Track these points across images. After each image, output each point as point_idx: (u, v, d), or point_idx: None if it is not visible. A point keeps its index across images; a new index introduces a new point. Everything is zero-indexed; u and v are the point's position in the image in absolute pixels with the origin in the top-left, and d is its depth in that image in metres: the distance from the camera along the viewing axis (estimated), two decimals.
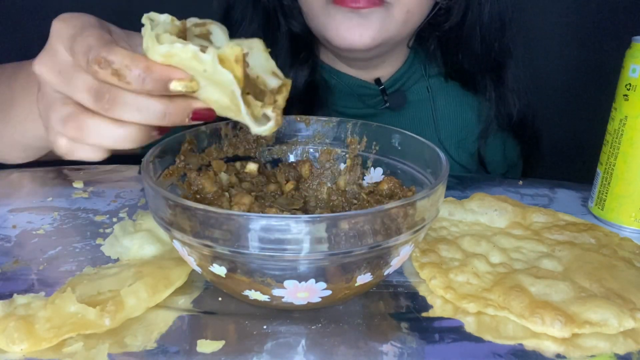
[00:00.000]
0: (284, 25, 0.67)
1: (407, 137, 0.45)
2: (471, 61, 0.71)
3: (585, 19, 1.01)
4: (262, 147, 0.48)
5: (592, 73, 0.98)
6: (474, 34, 0.69)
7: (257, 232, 0.30)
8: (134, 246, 0.42)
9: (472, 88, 0.73)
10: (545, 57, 1.03)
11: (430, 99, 0.73)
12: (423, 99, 0.73)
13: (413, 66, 0.74)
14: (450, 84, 0.74)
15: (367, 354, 0.33)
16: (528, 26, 1.00)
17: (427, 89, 0.73)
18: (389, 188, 0.43)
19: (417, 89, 0.73)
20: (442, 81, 0.74)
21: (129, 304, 0.35)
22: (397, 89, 0.72)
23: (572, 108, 1.04)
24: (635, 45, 0.47)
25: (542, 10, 1.01)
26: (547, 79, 1.04)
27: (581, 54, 1.02)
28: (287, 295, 0.33)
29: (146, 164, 0.37)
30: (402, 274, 0.41)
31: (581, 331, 0.35)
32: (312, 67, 0.68)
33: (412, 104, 0.72)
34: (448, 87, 0.74)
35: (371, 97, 0.72)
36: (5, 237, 0.45)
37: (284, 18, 0.67)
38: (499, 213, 0.48)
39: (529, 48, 1.00)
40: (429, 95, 0.73)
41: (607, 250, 0.43)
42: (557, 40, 1.03)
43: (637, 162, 0.48)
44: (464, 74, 0.73)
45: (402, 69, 0.73)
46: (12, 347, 0.32)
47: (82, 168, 0.62)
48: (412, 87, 0.73)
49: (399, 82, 0.73)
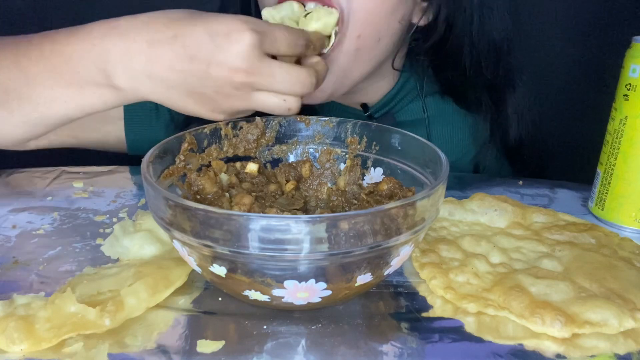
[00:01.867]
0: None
1: (407, 137, 0.45)
2: (462, 80, 0.68)
3: (585, 19, 1.01)
4: (262, 147, 0.48)
5: (592, 73, 0.98)
6: (460, 54, 0.65)
7: (257, 232, 0.30)
8: (134, 246, 0.42)
9: (465, 104, 0.70)
10: (545, 57, 1.03)
11: (426, 119, 0.70)
12: (417, 120, 0.70)
13: (407, 85, 0.70)
14: (446, 103, 0.71)
15: (367, 354, 0.33)
16: (527, 26, 1.01)
17: (422, 109, 0.70)
18: (388, 188, 0.43)
19: (411, 109, 0.70)
20: (438, 99, 0.71)
21: (129, 304, 0.35)
22: (387, 111, 0.69)
23: (572, 108, 1.04)
24: (635, 45, 0.47)
25: (542, 10, 1.01)
26: (547, 78, 1.04)
27: (581, 54, 1.02)
28: (287, 296, 0.33)
29: (146, 164, 0.37)
30: (402, 274, 0.41)
31: (581, 331, 0.35)
32: None
33: (404, 125, 0.68)
34: (444, 106, 0.71)
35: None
36: (5, 237, 0.45)
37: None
38: (499, 213, 0.48)
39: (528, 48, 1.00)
40: (425, 115, 0.70)
41: (607, 250, 0.43)
42: (557, 40, 1.02)
43: (637, 162, 0.48)
44: (456, 90, 0.70)
45: (393, 91, 0.69)
46: (12, 347, 0.32)
47: (82, 168, 0.62)
48: (405, 108, 0.70)
49: (388, 105, 0.69)
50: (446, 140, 0.71)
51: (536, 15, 1.02)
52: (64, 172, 0.61)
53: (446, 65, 0.68)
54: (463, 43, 0.65)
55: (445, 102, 0.72)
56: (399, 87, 0.70)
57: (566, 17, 1.02)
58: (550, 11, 1.02)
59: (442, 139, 0.71)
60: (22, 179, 0.58)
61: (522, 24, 1.00)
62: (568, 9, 1.01)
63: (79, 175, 0.59)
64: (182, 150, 0.42)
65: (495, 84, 0.68)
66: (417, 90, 0.71)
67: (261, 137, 0.48)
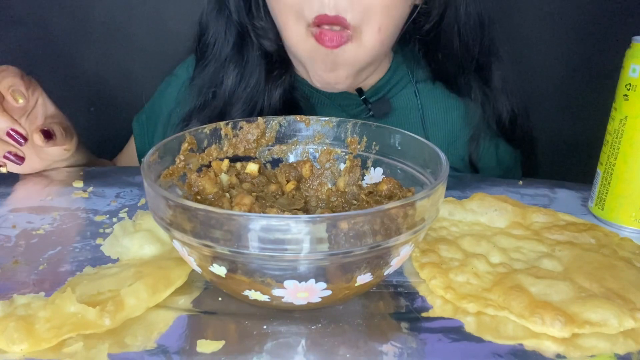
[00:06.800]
0: (256, 45, 0.67)
1: (407, 137, 0.45)
2: (452, 61, 0.70)
3: (585, 19, 1.01)
4: (262, 147, 0.48)
5: (592, 73, 0.98)
6: (452, 33, 0.68)
7: (257, 232, 0.30)
8: (134, 246, 0.42)
9: (456, 89, 0.72)
10: (545, 57, 1.03)
11: (419, 104, 0.72)
12: (411, 106, 0.72)
13: (398, 72, 0.72)
14: (437, 88, 0.73)
15: (367, 354, 0.33)
16: (528, 27, 1.01)
17: (414, 94, 0.72)
18: (388, 189, 0.43)
19: (404, 95, 0.72)
20: (429, 85, 0.73)
21: (129, 304, 0.35)
22: (381, 96, 0.71)
23: (572, 108, 1.04)
24: (635, 45, 0.47)
25: (541, 10, 1.01)
26: (547, 79, 1.04)
27: (581, 53, 1.02)
28: (287, 295, 0.33)
29: (146, 164, 0.37)
30: (402, 274, 0.41)
31: (581, 331, 0.35)
32: (288, 83, 0.68)
33: (399, 110, 0.71)
34: (435, 91, 0.73)
35: (354, 106, 0.71)
36: (5, 237, 0.45)
37: (256, 38, 0.67)
38: (499, 213, 0.48)
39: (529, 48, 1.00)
40: (417, 100, 0.72)
41: (607, 250, 0.43)
42: (557, 40, 1.03)
43: (637, 162, 0.48)
44: (447, 74, 0.72)
45: (386, 76, 0.72)
46: (12, 347, 0.32)
47: (82, 168, 0.62)
48: (399, 94, 0.72)
49: (383, 89, 0.71)
50: (440, 125, 0.73)
51: (536, 14, 1.02)
52: (64, 171, 0.61)
53: (437, 47, 0.70)
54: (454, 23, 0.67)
55: (437, 87, 0.73)
56: (391, 73, 0.72)
57: (566, 17, 1.02)
58: (550, 11, 1.02)
59: (436, 124, 0.72)
60: (22, 179, 0.58)
61: (522, 24, 1.00)
62: (568, 9, 1.01)
63: (79, 175, 0.59)
64: (182, 150, 0.43)
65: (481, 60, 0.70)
66: (408, 76, 0.73)
67: (261, 137, 0.48)
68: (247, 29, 0.67)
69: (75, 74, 1.01)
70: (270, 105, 0.66)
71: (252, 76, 0.67)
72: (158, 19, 1.00)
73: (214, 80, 0.68)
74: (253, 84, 0.66)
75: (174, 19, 0.98)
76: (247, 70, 0.67)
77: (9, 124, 0.53)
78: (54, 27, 0.97)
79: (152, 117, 0.76)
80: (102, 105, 1.04)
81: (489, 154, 0.74)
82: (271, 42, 0.67)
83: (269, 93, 0.66)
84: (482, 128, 0.71)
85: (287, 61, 0.68)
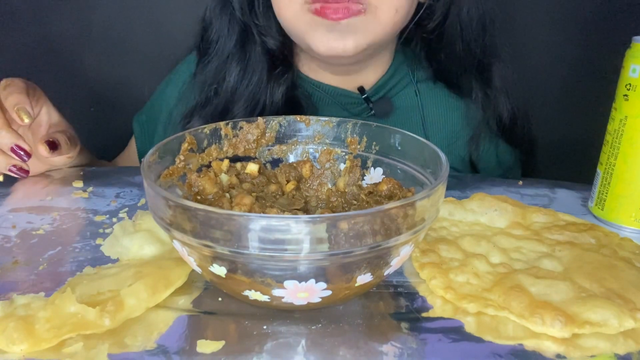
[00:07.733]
0: (259, 42, 0.67)
1: (407, 137, 0.45)
2: (454, 61, 0.70)
3: (585, 19, 1.01)
4: (262, 147, 0.48)
5: (592, 73, 0.98)
6: (455, 33, 0.68)
7: (257, 233, 0.30)
8: (133, 246, 0.42)
9: (457, 89, 0.72)
10: (545, 57, 1.03)
11: (419, 104, 0.72)
12: (411, 105, 0.72)
13: (399, 71, 0.73)
14: (438, 88, 0.73)
15: (367, 354, 0.33)
16: (528, 27, 1.01)
17: (415, 94, 0.72)
18: (388, 189, 0.43)
19: (405, 95, 0.72)
20: (430, 85, 0.73)
21: (128, 304, 0.35)
22: (382, 95, 0.71)
23: (572, 108, 1.04)
24: (635, 45, 0.47)
25: (541, 10, 1.01)
26: (547, 79, 1.04)
27: (581, 53, 1.02)
28: (287, 296, 0.33)
29: (146, 164, 0.37)
30: (402, 274, 0.41)
31: (581, 331, 0.35)
32: (291, 81, 0.67)
33: (400, 110, 0.71)
34: (436, 91, 0.73)
35: (355, 105, 0.71)
36: (5, 237, 0.45)
37: (259, 35, 0.67)
38: (499, 213, 0.48)
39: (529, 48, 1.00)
40: (418, 100, 0.72)
41: (607, 250, 0.43)
42: (557, 40, 1.03)
43: (637, 162, 0.48)
44: (448, 75, 0.72)
45: (387, 75, 0.72)
46: (12, 347, 0.32)
47: (82, 168, 0.62)
48: (399, 93, 0.72)
49: (384, 88, 0.72)
50: (440, 125, 0.73)
51: (536, 14, 1.02)
52: (64, 171, 0.61)
53: (439, 47, 0.70)
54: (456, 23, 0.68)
55: (437, 87, 0.73)
56: (392, 72, 0.72)
57: (566, 17, 1.02)
58: (550, 11, 1.02)
59: (436, 124, 0.73)
60: (22, 179, 0.58)
61: (522, 24, 1.00)
62: (568, 8, 1.01)
63: (79, 175, 0.59)
64: (182, 150, 0.43)
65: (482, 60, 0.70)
66: (409, 76, 0.73)
67: (261, 137, 0.48)
68: (250, 26, 0.67)
69: (76, 76, 1.02)
70: (272, 103, 0.66)
71: (255, 73, 0.67)
72: (157, 22, 1.00)
73: (216, 77, 0.68)
74: (255, 81, 0.66)
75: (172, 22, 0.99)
76: (249, 67, 0.67)
77: (14, 139, 0.53)
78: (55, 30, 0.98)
79: (152, 117, 0.76)
80: (102, 106, 1.04)
81: (489, 154, 0.74)
82: (274, 39, 0.67)
83: (271, 90, 0.66)
84: (482, 128, 0.72)
85: (290, 59, 0.69)
